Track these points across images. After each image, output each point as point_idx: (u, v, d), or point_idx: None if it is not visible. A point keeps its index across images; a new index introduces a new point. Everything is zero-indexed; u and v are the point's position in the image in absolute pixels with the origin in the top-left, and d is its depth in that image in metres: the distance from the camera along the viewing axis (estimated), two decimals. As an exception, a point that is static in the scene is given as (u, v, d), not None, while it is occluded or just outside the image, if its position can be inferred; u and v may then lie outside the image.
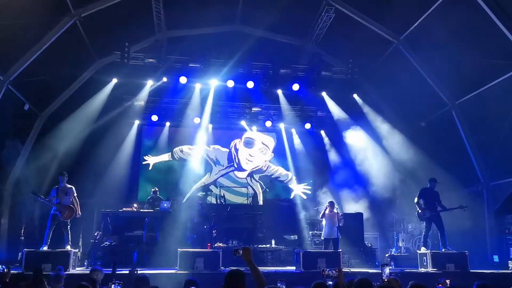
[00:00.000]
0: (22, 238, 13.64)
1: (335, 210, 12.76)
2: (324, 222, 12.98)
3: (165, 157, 18.09)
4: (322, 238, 13.15)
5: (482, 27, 11.71)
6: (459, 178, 14.60)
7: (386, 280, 5.02)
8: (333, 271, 5.19)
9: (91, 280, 5.64)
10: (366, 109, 16.89)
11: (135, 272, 8.05)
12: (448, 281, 6.51)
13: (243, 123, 18.34)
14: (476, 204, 14.31)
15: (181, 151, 18.21)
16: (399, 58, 14.90)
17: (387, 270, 5.34)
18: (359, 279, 5.03)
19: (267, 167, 18.93)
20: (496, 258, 13.42)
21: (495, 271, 11.51)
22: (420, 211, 12.34)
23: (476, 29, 11.96)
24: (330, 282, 5.53)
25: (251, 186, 18.34)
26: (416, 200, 12.44)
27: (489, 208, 14.33)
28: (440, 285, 6.03)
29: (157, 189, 15.21)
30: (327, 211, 12.83)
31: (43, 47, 12.77)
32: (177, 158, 18.13)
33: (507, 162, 13.42)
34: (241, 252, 4.63)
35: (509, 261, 12.28)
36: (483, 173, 14.47)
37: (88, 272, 10.18)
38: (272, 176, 18.73)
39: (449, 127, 15.01)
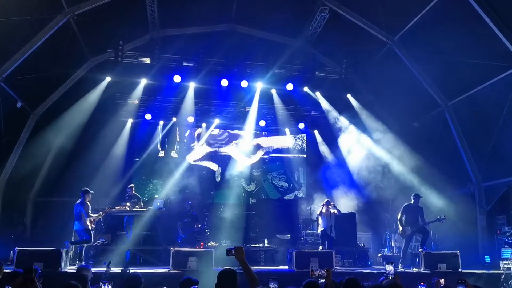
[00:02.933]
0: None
1: (331, 209, 12.85)
2: (320, 220, 13.06)
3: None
4: (319, 232, 13.19)
5: (476, 28, 11.77)
6: (451, 178, 14.68)
7: (391, 277, 5.03)
8: (322, 271, 5.21)
9: (81, 279, 5.60)
10: (359, 109, 16.93)
11: (128, 271, 8.01)
12: (442, 281, 6.43)
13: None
14: (468, 204, 14.40)
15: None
16: (393, 58, 14.93)
17: (390, 267, 5.30)
18: (347, 279, 5.06)
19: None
20: (487, 259, 13.49)
21: (487, 271, 11.57)
22: (401, 228, 12.36)
23: (469, 30, 12.01)
24: (322, 280, 5.54)
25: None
26: (399, 216, 12.45)
27: (481, 209, 14.41)
28: (422, 283, 5.95)
29: (133, 186, 14.97)
30: (323, 210, 12.91)
31: (36, 44, 12.67)
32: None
33: (499, 163, 13.49)
34: (234, 252, 4.63)
35: (500, 262, 12.34)
36: (475, 173, 14.55)
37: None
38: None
39: (442, 127, 15.08)
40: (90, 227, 11.58)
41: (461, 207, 14.18)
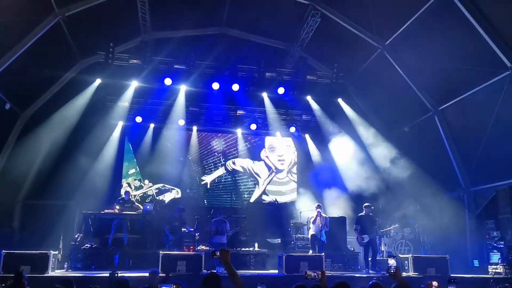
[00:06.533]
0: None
1: (322, 214, 12.91)
2: (310, 224, 13.11)
3: (220, 171, 18.36)
4: (309, 236, 13.22)
5: (465, 34, 11.87)
6: (440, 183, 14.73)
7: (392, 272, 4.95)
8: (316, 273, 5.14)
9: (68, 282, 5.56)
10: (350, 113, 16.98)
11: (115, 275, 7.96)
12: (435, 283, 6.39)
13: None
14: (457, 209, 14.46)
15: (233, 163, 18.53)
16: (383, 63, 15.01)
17: (392, 261, 5.24)
18: (336, 283, 4.98)
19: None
20: (476, 263, 13.55)
21: (475, 275, 11.62)
22: (357, 236, 12.61)
23: (459, 36, 12.11)
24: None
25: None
26: (354, 226, 12.72)
27: (470, 213, 14.49)
28: None
29: (129, 191, 14.93)
30: (314, 214, 12.99)
31: (26, 46, 12.61)
32: (230, 170, 18.47)
33: (488, 168, 13.57)
34: (218, 253, 4.61)
35: (489, 266, 12.40)
36: (464, 178, 14.62)
37: (69, 274, 10.11)
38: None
39: (431, 132, 15.15)
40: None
41: (450, 212, 14.22)
